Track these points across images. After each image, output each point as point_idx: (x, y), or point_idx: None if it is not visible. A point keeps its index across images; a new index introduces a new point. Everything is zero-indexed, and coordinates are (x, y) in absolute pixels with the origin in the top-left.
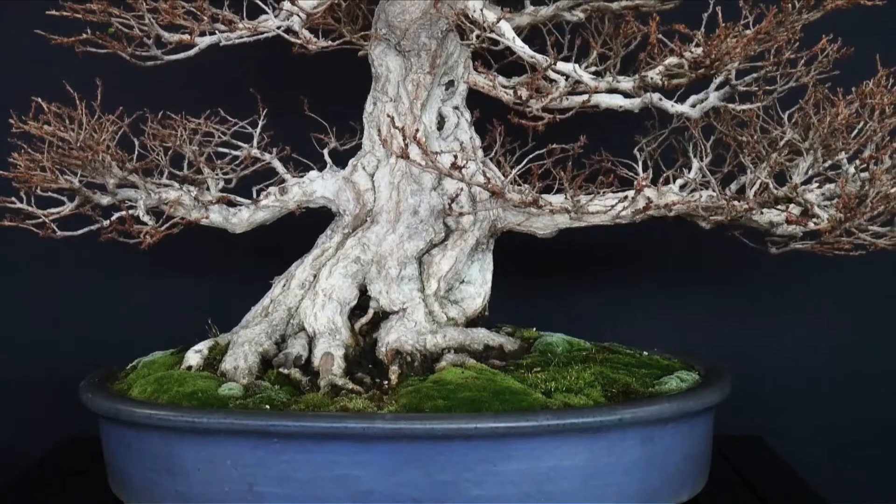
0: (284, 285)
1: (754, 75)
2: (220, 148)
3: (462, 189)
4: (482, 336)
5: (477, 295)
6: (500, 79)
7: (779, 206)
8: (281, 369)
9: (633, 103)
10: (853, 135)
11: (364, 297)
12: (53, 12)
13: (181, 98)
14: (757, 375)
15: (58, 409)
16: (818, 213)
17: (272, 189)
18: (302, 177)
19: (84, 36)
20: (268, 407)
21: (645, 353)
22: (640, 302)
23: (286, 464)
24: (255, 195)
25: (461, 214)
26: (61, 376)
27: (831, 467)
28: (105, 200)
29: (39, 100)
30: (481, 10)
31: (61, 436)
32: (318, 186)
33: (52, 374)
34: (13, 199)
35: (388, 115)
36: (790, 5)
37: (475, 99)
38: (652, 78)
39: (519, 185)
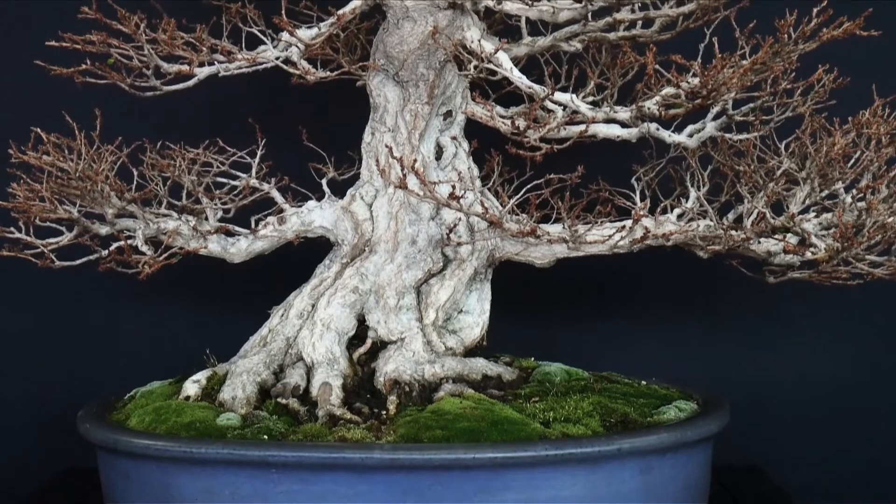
0: (283, 315)
1: (751, 105)
2: (218, 178)
3: (460, 219)
4: (480, 366)
5: (475, 325)
6: (498, 109)
7: (776, 236)
8: (279, 399)
9: (630, 133)
10: (850, 164)
11: (362, 326)
12: (53, 43)
13: (180, 128)
14: (755, 404)
15: (56, 438)
16: (815, 242)
17: (270, 219)
18: (300, 206)
19: (84, 67)
20: (266, 437)
21: (643, 382)
22: (637, 331)
23: (284, 494)
24: (253, 225)
25: (459, 244)
26: (59, 406)
27: (830, 496)
28: (104, 230)
29: (39, 130)
30: (479, 40)
31: (59, 466)
32: (317, 216)
33: (49, 404)
34: (12, 228)
35: (387, 145)
36: (786, 36)
37: (473, 128)
38: (649, 108)
39: (517, 214)
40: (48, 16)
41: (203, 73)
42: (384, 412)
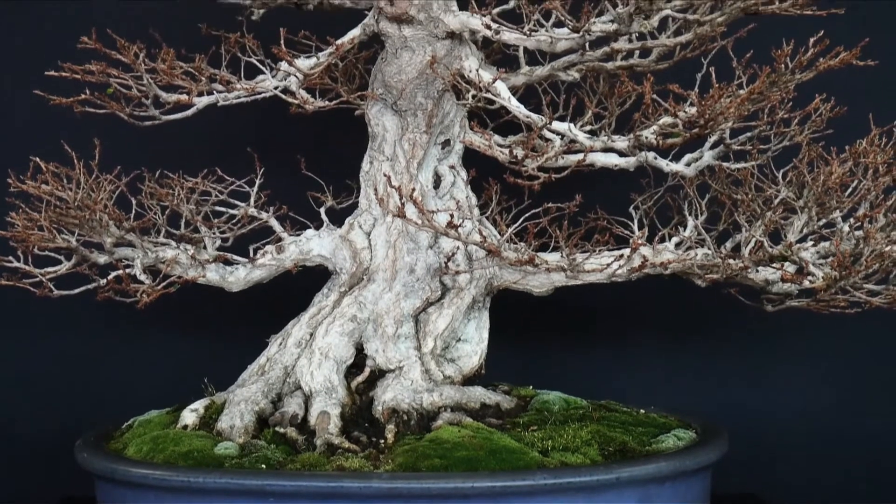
0: (281, 344)
1: (748, 134)
2: (217, 206)
3: (458, 247)
4: (479, 394)
5: (473, 353)
6: (496, 138)
7: (774, 265)
8: (277, 428)
9: (628, 162)
10: (847, 193)
11: (360, 355)
12: (52, 73)
13: (178, 157)
14: (754, 432)
15: (53, 468)
16: (813, 271)
17: (269, 247)
18: (299, 235)
19: (83, 96)
20: (264, 466)
21: (642, 411)
22: (636, 359)
23: None
24: (251, 254)
25: (457, 273)
26: (57, 435)
27: None
28: (102, 259)
29: (38, 159)
30: (477, 70)
31: (57, 495)
32: (315, 245)
33: (47, 433)
34: (10, 258)
35: (385, 174)
36: (783, 65)
37: (471, 157)
38: (647, 137)
39: (515, 243)
40: (48, 45)
41: (202, 102)
42: (382, 441)
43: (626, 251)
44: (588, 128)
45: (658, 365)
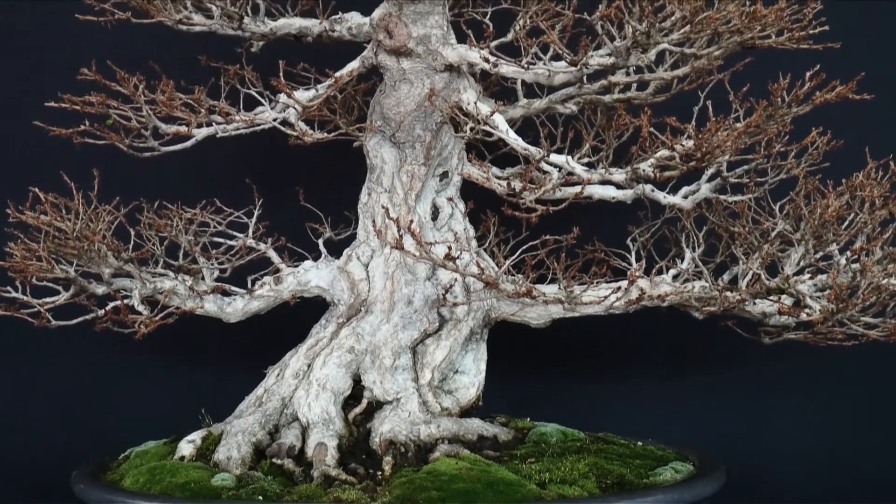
0: (278, 375)
1: (745, 167)
2: (215, 237)
3: (456, 279)
4: (476, 426)
5: (471, 385)
6: (494, 170)
7: (771, 297)
8: (274, 459)
9: (625, 194)
10: (844, 226)
11: (358, 386)
12: (52, 104)
13: (177, 188)
14: (752, 465)
15: (50, 498)
16: (810, 303)
17: (267, 279)
18: (297, 266)
19: (82, 127)
20: (261, 498)
21: (639, 443)
22: (633, 392)
23: None
24: (249, 285)
25: (455, 304)
26: (54, 465)
27: None
28: (100, 290)
29: (37, 190)
30: (475, 102)
31: None
32: (313, 276)
33: (44, 464)
34: (8, 288)
35: (383, 206)
36: (780, 99)
37: (469, 189)
38: (644, 170)
39: (513, 275)
40: (47, 75)
41: (201, 133)
42: (379, 473)
43: (624, 283)
44: (585, 160)
45: (655, 397)
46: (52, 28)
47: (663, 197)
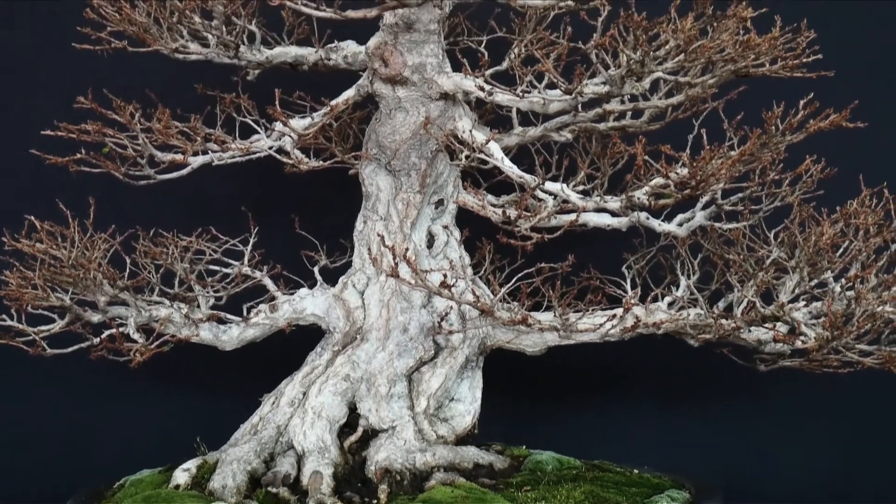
0: (274, 403)
1: (740, 195)
2: (210, 265)
3: (452, 307)
4: (472, 454)
5: (466, 413)
6: (490, 198)
7: (766, 325)
8: (269, 488)
9: (620, 222)
10: (839, 254)
11: (353, 414)
12: (49, 132)
13: (173, 216)
14: (748, 493)
15: None
16: (805, 331)
17: (262, 306)
18: (292, 294)
19: (79, 155)
20: None
21: (635, 471)
22: (629, 419)
23: None
24: (245, 312)
25: (451, 332)
26: (48, 494)
27: None
28: (95, 318)
29: (32, 218)
30: (470, 130)
31: None
32: (309, 304)
33: (38, 492)
34: (3, 316)
35: (379, 234)
36: (774, 127)
37: (464, 217)
38: (639, 198)
39: (508, 303)
40: (44, 103)
41: (197, 161)
42: (375, 501)
43: (619, 311)
44: (581, 188)
45: (651, 425)
46: (49, 56)
47: (658, 224)
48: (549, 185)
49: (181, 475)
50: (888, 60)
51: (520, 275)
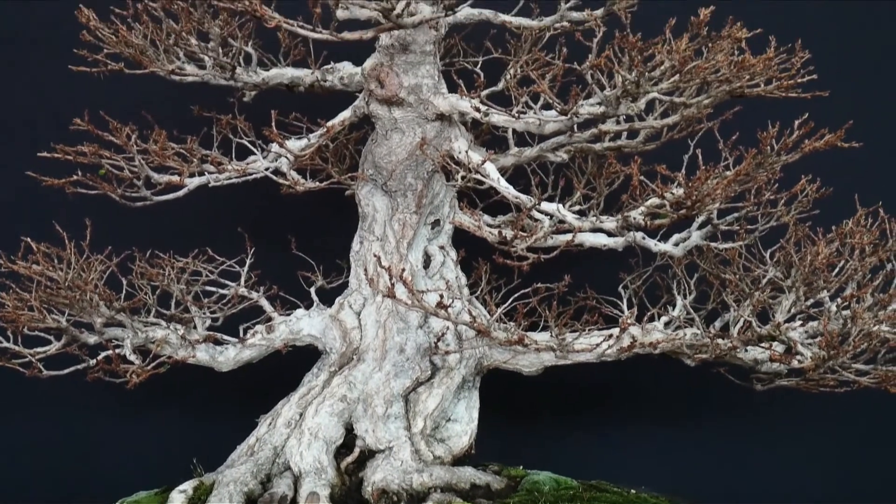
0: (270, 424)
1: (735, 215)
2: (207, 286)
3: (448, 327)
4: (469, 475)
5: (463, 433)
6: (486, 218)
7: (762, 344)
8: None
9: (616, 242)
10: (835, 273)
11: (350, 435)
12: (45, 154)
13: (169, 237)
14: None
15: None
16: (802, 350)
17: (259, 327)
18: (289, 315)
19: (75, 177)
20: None
21: (632, 491)
22: (626, 439)
23: None
24: (241, 333)
25: (447, 353)
26: None
27: None
28: (92, 339)
29: (28, 239)
30: (466, 151)
31: None
32: (305, 325)
33: None
34: (0, 338)
35: (375, 255)
36: (769, 147)
37: (460, 237)
38: (635, 218)
39: (504, 323)
40: (40, 125)
41: (193, 183)
42: None
43: (616, 331)
44: (577, 208)
45: (648, 444)
46: (46, 78)
47: (654, 244)
48: (545, 206)
49: (178, 497)
50: (883, 79)
51: (516, 295)
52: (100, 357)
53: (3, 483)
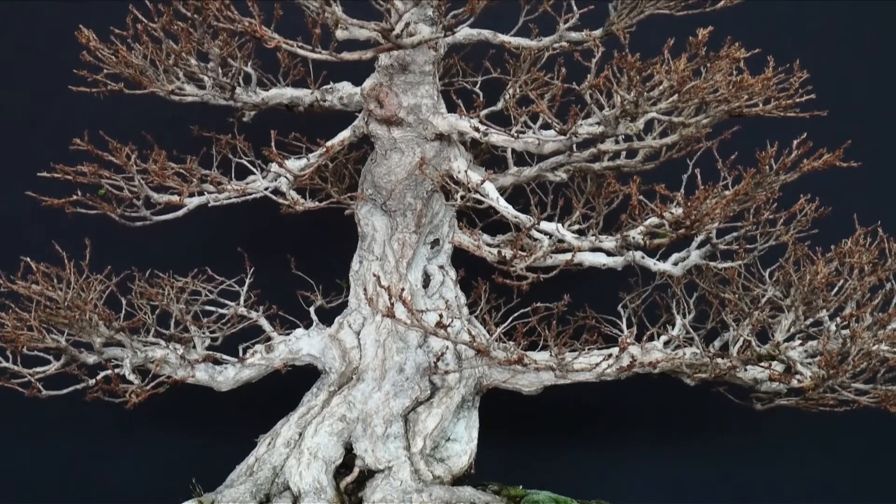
0: (270, 444)
1: (735, 234)
2: (206, 306)
3: (448, 347)
4: (468, 495)
5: (463, 453)
6: (485, 237)
7: (762, 364)
8: None
9: (616, 261)
10: (834, 292)
11: (350, 455)
12: (45, 174)
13: (169, 256)
14: None
15: None
16: (801, 370)
17: (258, 347)
18: (288, 334)
19: (75, 197)
20: None
21: None
22: (626, 458)
23: None
24: (241, 353)
25: (447, 372)
26: None
27: None
28: (91, 359)
29: (28, 259)
30: (466, 171)
31: None
32: (305, 344)
33: None
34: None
35: (374, 274)
36: (767, 167)
37: (460, 256)
38: (634, 237)
39: (504, 342)
40: (40, 145)
41: (193, 203)
42: None
43: (615, 350)
44: (576, 227)
45: (648, 463)
46: (45, 98)
47: (653, 264)
48: (544, 225)
49: None
50: (882, 99)
51: (515, 314)
52: (99, 377)
53: (3, 503)
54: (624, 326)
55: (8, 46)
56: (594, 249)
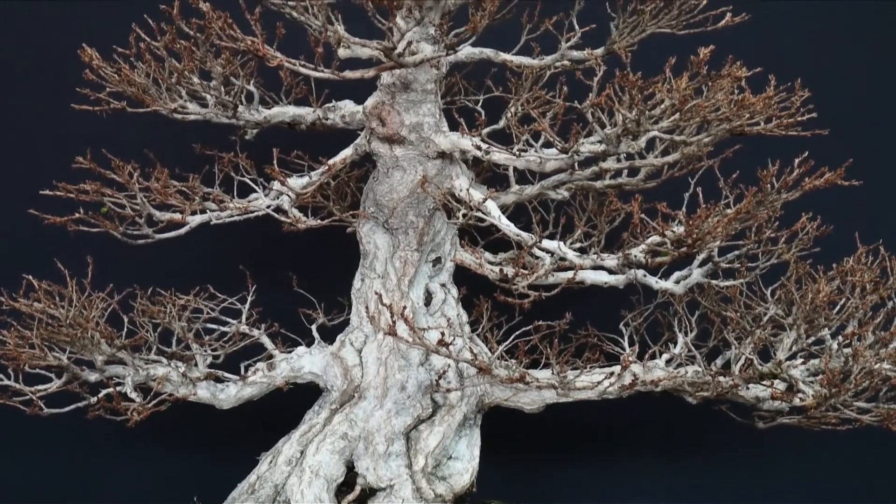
0: (271, 462)
1: (736, 252)
2: (208, 324)
3: (449, 365)
4: None
5: (465, 471)
6: (487, 255)
7: (764, 382)
8: None
9: (617, 279)
10: (836, 311)
11: (351, 473)
12: (47, 192)
13: (171, 274)
14: None
15: None
16: (803, 388)
17: (260, 365)
18: (290, 352)
19: (77, 215)
20: None
21: None
22: (627, 476)
23: None
24: (242, 371)
25: (449, 390)
26: None
27: None
28: (93, 377)
29: (30, 277)
30: (468, 189)
31: None
32: (306, 362)
33: None
34: (1, 375)
35: (376, 292)
36: (769, 185)
37: (462, 274)
38: (636, 256)
39: (506, 360)
40: (42, 163)
41: (195, 221)
42: None
43: (617, 368)
44: (577, 246)
45: (649, 481)
46: (48, 116)
47: (655, 282)
48: (546, 243)
49: None
50: (884, 117)
51: (517, 332)
52: (101, 395)
53: None
54: (626, 344)
55: (10, 64)
56: (596, 267)
